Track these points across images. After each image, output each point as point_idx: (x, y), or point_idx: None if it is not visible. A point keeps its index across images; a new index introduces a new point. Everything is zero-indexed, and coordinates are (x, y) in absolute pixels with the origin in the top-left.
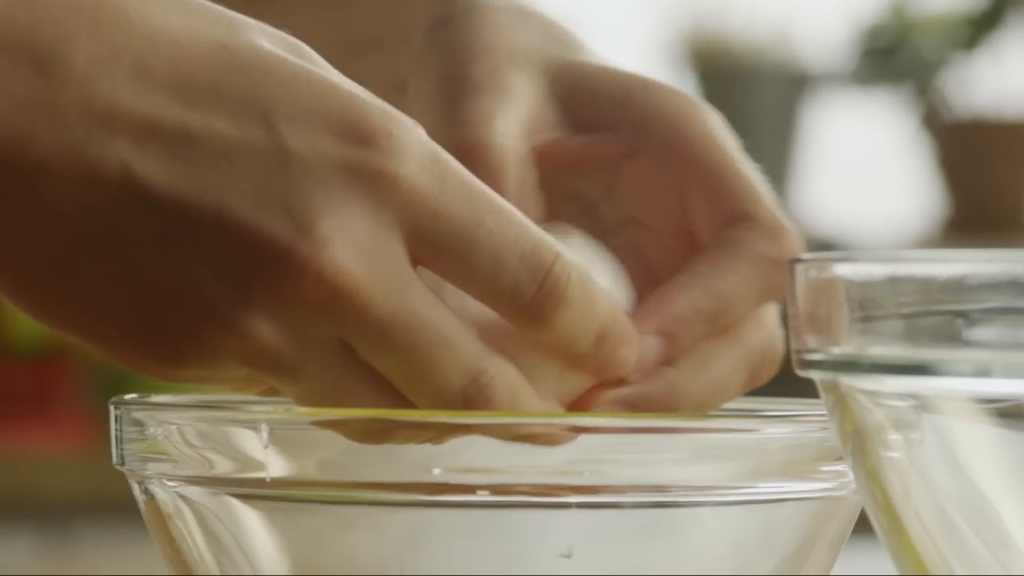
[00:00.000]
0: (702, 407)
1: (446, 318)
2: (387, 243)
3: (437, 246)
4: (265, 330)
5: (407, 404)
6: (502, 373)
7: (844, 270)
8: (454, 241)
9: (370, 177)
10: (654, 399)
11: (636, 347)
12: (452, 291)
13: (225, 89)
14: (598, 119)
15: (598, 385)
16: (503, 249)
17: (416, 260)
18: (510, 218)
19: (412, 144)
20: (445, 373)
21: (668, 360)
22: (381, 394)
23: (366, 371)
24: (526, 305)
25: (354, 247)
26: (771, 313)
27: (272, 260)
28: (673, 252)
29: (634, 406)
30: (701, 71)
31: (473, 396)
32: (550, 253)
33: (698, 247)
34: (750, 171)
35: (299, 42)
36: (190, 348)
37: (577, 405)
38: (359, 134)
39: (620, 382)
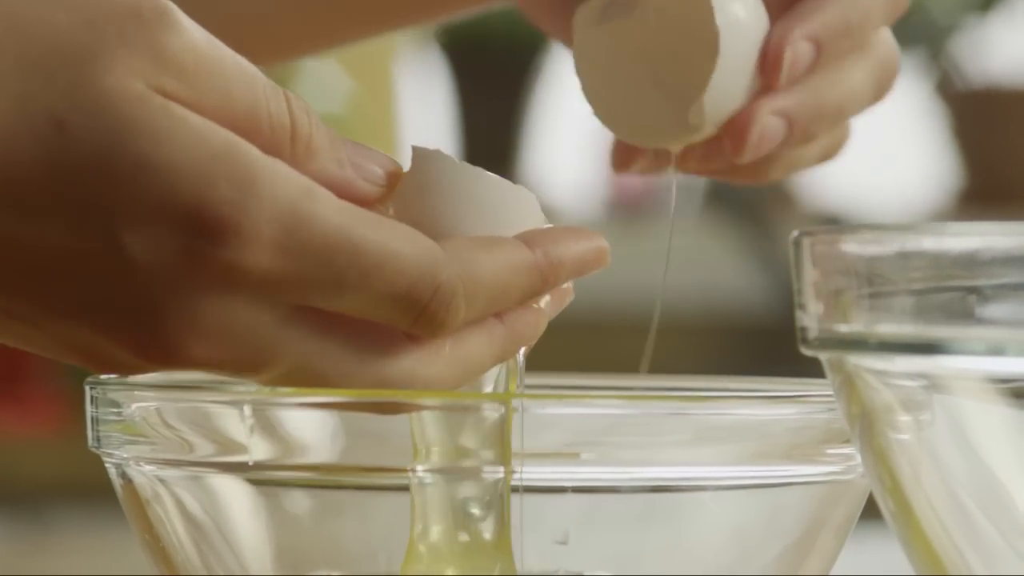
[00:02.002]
0: (839, 114)
1: (334, 356)
2: (247, 316)
3: (304, 300)
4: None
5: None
6: (412, 386)
7: (852, 244)
8: (320, 299)
9: (220, 271)
10: (804, 106)
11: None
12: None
13: (59, 195)
14: None
15: (753, 102)
16: (372, 298)
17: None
18: (381, 266)
19: (263, 228)
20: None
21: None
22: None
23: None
24: (407, 329)
25: (207, 336)
26: (887, 31)
27: (130, 356)
28: None
29: (788, 115)
30: None
31: (384, 412)
32: (427, 289)
33: None
34: None
35: (174, 45)
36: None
37: (739, 119)
38: (205, 230)
39: (771, 89)
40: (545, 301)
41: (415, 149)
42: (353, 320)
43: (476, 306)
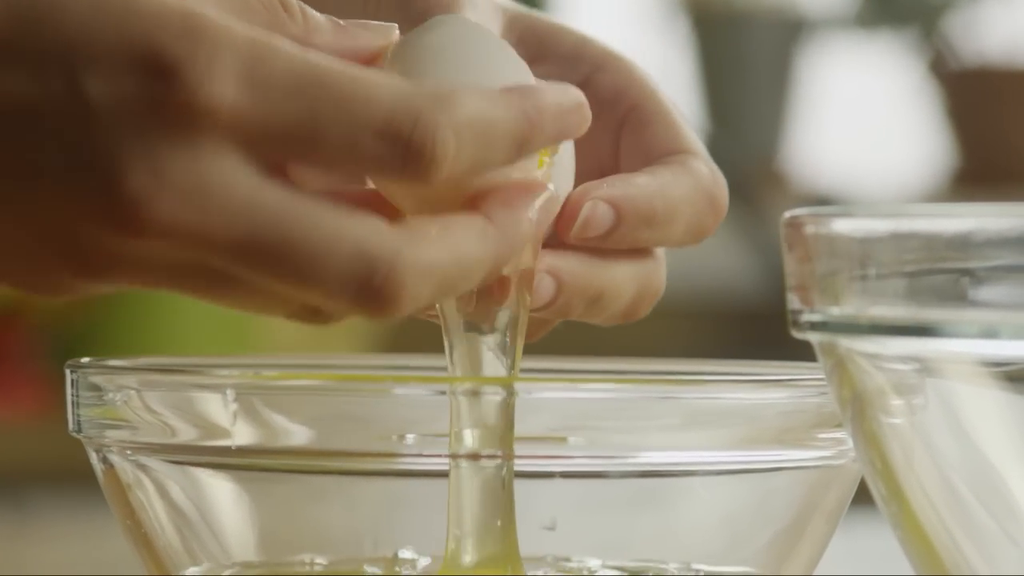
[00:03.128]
0: (596, 302)
1: (314, 221)
2: (217, 170)
3: (280, 149)
4: (133, 274)
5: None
6: (399, 263)
7: (844, 226)
8: (295, 141)
9: (181, 112)
10: (575, 276)
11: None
12: None
13: (19, 39)
14: (548, 61)
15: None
16: (351, 132)
17: (270, 160)
18: (355, 95)
19: (222, 61)
20: (328, 283)
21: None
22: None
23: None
24: (399, 175)
25: (175, 192)
26: (663, 257)
27: (95, 226)
28: None
29: (559, 277)
30: (694, 16)
31: (371, 299)
32: (408, 117)
33: None
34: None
35: None
36: (79, 290)
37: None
38: (161, 67)
39: (558, 242)
40: (534, 210)
41: (436, 17)
42: (335, 191)
43: (465, 143)
